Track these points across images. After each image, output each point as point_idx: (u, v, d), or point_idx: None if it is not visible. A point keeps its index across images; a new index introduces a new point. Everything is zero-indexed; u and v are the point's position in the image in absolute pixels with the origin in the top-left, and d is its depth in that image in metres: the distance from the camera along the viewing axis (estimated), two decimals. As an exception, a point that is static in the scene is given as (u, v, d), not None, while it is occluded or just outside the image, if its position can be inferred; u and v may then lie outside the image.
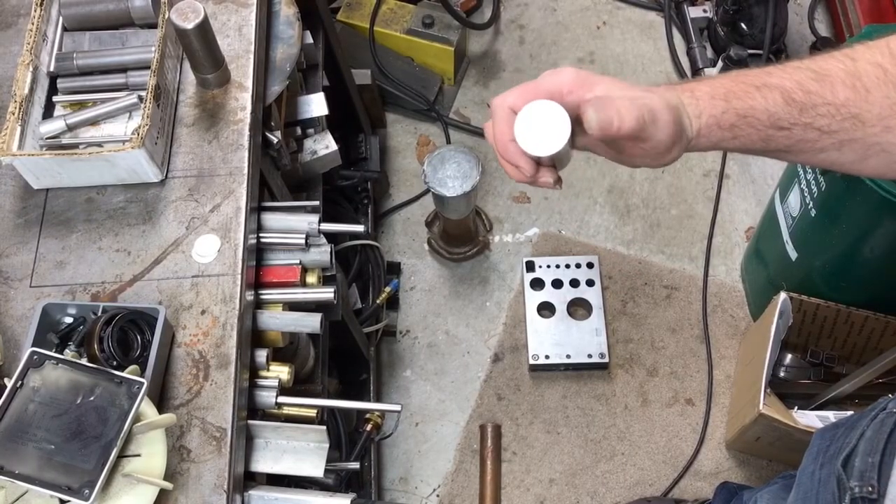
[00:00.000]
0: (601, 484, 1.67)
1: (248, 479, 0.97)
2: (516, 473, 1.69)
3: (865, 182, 1.24)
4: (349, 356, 1.58)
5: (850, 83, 0.64)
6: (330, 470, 1.12)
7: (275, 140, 1.20)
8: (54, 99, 1.11)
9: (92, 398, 0.80)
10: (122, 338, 0.89)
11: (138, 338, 0.90)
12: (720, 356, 1.78)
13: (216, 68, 1.07)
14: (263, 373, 1.03)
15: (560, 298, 1.81)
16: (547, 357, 1.75)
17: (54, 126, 1.06)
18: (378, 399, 1.72)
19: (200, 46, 1.00)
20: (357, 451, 1.45)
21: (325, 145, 1.42)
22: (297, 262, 1.09)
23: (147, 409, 0.84)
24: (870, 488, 0.88)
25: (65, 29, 1.14)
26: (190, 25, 0.94)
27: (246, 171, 1.06)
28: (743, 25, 2.00)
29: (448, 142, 2.07)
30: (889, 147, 0.65)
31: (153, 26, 1.13)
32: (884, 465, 0.88)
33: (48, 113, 1.10)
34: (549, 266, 1.86)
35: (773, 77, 0.67)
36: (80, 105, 1.10)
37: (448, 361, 1.83)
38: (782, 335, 1.52)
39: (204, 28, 0.97)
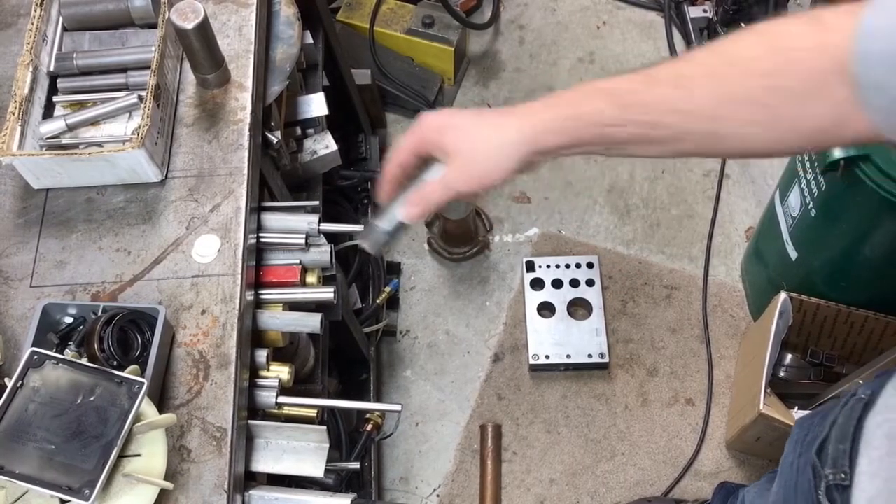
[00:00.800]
0: (601, 484, 1.67)
1: (249, 479, 0.96)
2: (516, 473, 1.69)
3: (865, 182, 1.25)
4: (349, 356, 1.58)
5: (675, 81, 0.72)
6: (330, 470, 1.12)
7: (275, 140, 1.20)
8: (54, 99, 1.11)
9: (92, 398, 0.80)
10: (122, 338, 0.89)
11: (138, 338, 0.90)
12: (720, 356, 1.78)
13: (216, 68, 1.07)
14: (263, 373, 1.03)
15: (560, 298, 1.81)
16: (547, 357, 1.75)
17: (54, 126, 1.06)
18: (378, 399, 1.72)
19: (200, 46, 1.00)
20: (357, 451, 1.45)
21: (325, 145, 1.42)
22: (297, 262, 1.09)
23: (147, 409, 0.84)
24: (842, 475, 0.89)
25: (65, 29, 1.14)
26: (190, 25, 0.94)
27: (246, 171, 1.06)
28: (743, 25, 2.00)
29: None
30: (724, 132, 0.71)
31: (153, 26, 1.13)
32: (854, 452, 0.89)
33: (48, 113, 1.10)
34: (549, 266, 1.86)
35: (606, 83, 0.76)
36: (81, 105, 1.10)
37: (448, 361, 1.83)
38: (782, 335, 1.52)
39: (204, 28, 0.97)
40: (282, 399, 1.01)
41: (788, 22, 0.67)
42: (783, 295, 1.50)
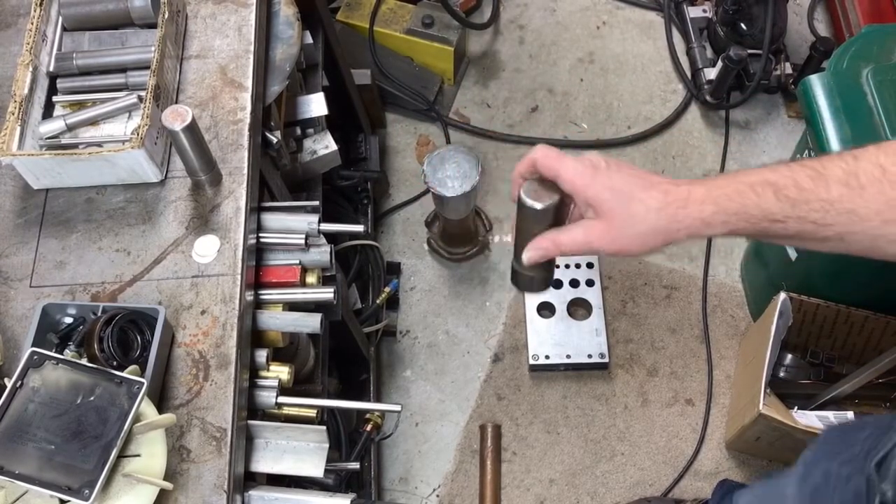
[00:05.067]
0: (601, 484, 1.67)
1: (248, 480, 0.96)
2: (516, 473, 1.69)
3: (865, 182, 1.24)
4: (349, 356, 1.58)
5: (846, 180, 0.70)
6: (330, 470, 1.11)
7: (275, 140, 1.20)
8: (54, 99, 1.11)
9: (92, 398, 0.80)
10: (122, 338, 0.88)
11: (138, 338, 0.90)
12: (720, 356, 1.78)
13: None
14: (263, 373, 1.03)
15: (560, 298, 1.81)
16: (547, 357, 1.76)
17: (54, 126, 1.06)
18: (378, 399, 1.72)
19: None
20: (357, 451, 1.45)
21: (324, 145, 1.42)
22: (297, 262, 1.09)
23: (147, 409, 0.84)
24: None
25: (64, 29, 1.14)
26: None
27: (246, 171, 1.06)
28: (742, 25, 2.00)
29: (448, 142, 2.07)
30: (884, 237, 0.70)
31: (153, 26, 1.13)
32: None
33: (48, 113, 1.10)
34: (548, 266, 1.85)
35: (770, 174, 0.75)
36: (80, 105, 1.10)
37: (448, 361, 1.82)
38: (782, 335, 1.52)
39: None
40: (282, 399, 1.01)
41: None
42: (783, 295, 1.50)
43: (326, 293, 1.08)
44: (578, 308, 1.83)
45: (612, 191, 0.80)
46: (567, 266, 1.85)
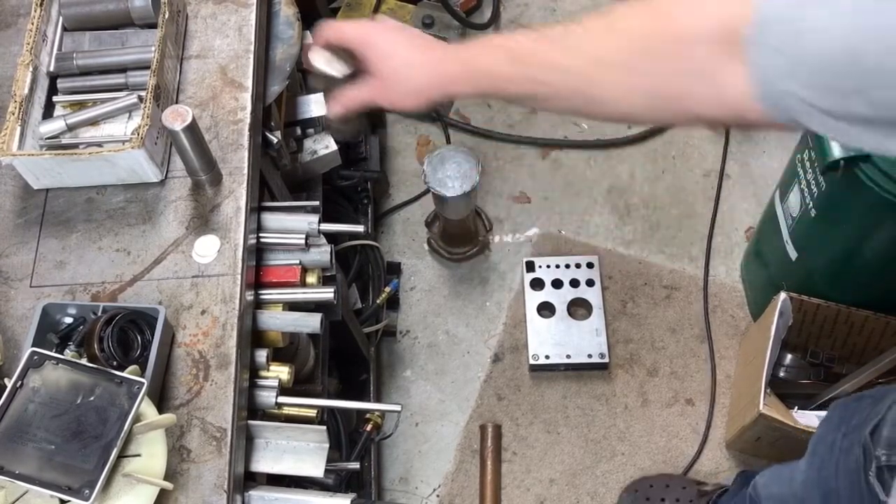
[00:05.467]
0: (601, 484, 1.67)
1: (249, 480, 0.97)
2: (516, 473, 1.69)
3: (865, 182, 1.24)
4: (349, 356, 1.58)
5: (561, 42, 0.78)
6: (330, 470, 1.11)
7: (275, 140, 1.20)
8: (54, 99, 1.11)
9: (92, 398, 0.80)
10: (122, 338, 0.89)
11: (138, 338, 0.90)
12: (720, 356, 1.78)
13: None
14: (263, 373, 1.03)
15: (560, 298, 1.81)
16: (547, 357, 1.75)
17: (54, 126, 1.06)
18: (378, 399, 1.72)
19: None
20: (357, 451, 1.45)
21: (324, 145, 1.42)
22: (297, 262, 1.09)
23: (147, 409, 0.84)
24: None
25: (65, 29, 1.14)
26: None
27: (246, 171, 1.06)
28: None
29: (448, 142, 2.07)
30: (599, 94, 0.76)
31: (153, 26, 1.13)
32: None
33: (48, 113, 1.10)
34: (549, 266, 1.86)
35: (506, 39, 0.83)
36: (80, 105, 1.10)
37: (448, 361, 1.82)
38: (782, 335, 1.52)
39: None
40: (282, 399, 1.01)
41: None
42: (783, 295, 1.50)
43: (326, 293, 1.08)
44: (578, 308, 1.83)
45: (387, 52, 0.89)
46: (567, 266, 1.85)
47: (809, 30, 0.57)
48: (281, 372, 1.03)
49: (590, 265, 1.86)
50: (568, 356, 1.75)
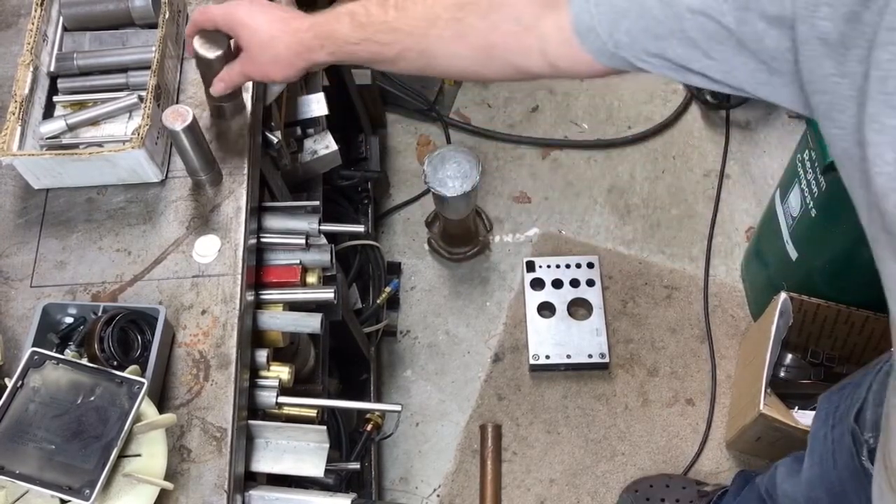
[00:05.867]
0: (601, 484, 1.67)
1: (249, 479, 0.97)
2: (516, 473, 1.69)
3: (866, 182, 1.24)
4: (349, 356, 1.58)
5: (397, 4, 0.84)
6: (330, 470, 1.11)
7: (275, 140, 1.20)
8: (54, 99, 1.11)
9: (92, 398, 0.80)
10: (122, 338, 0.89)
11: (139, 338, 0.90)
12: (720, 356, 1.78)
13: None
14: (264, 373, 1.03)
15: (560, 298, 1.81)
16: (547, 357, 1.76)
17: (55, 126, 1.06)
18: (378, 399, 1.72)
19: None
20: (357, 451, 1.45)
21: (325, 145, 1.42)
22: (298, 262, 1.09)
23: (147, 409, 0.84)
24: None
25: (65, 29, 1.14)
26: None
27: (246, 171, 1.06)
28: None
29: (448, 142, 2.07)
30: (430, 50, 0.83)
31: (153, 26, 1.13)
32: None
33: (48, 113, 1.10)
34: (549, 266, 1.86)
35: (353, 4, 0.87)
36: (81, 105, 1.10)
37: (448, 361, 1.83)
38: (782, 335, 1.52)
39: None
40: (282, 399, 1.01)
41: None
42: (783, 295, 1.50)
43: (327, 293, 1.08)
44: (579, 308, 1.83)
45: (251, 28, 0.94)
46: (567, 266, 1.85)
47: None
48: (281, 372, 1.03)
49: (590, 265, 1.86)
50: (568, 356, 1.75)
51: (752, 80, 0.63)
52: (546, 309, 1.82)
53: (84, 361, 0.85)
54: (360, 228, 1.24)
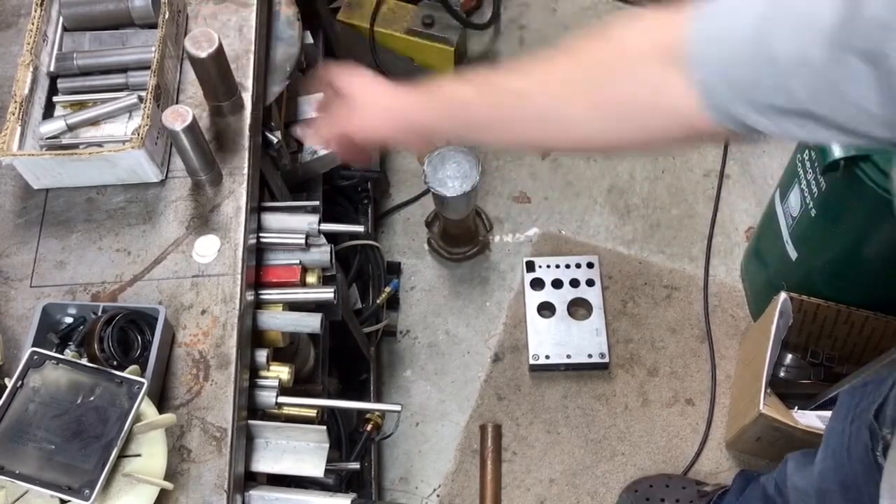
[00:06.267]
0: (601, 484, 1.67)
1: (249, 479, 0.97)
2: (516, 473, 1.69)
3: (865, 182, 1.24)
4: (349, 356, 1.58)
5: (520, 70, 0.79)
6: (330, 470, 1.12)
7: (275, 140, 1.21)
8: (54, 99, 1.11)
9: (92, 398, 0.80)
10: (122, 338, 0.89)
11: (138, 338, 0.90)
12: (720, 356, 1.78)
13: (230, 96, 1.05)
14: (264, 373, 1.03)
15: (560, 298, 1.81)
16: (547, 357, 1.75)
17: (54, 126, 1.06)
18: (378, 399, 1.72)
19: (215, 75, 0.98)
20: (357, 451, 1.45)
21: (325, 145, 1.42)
22: (297, 262, 1.09)
23: (147, 409, 0.84)
24: None
25: (65, 29, 1.14)
26: (204, 54, 0.94)
27: (246, 171, 1.06)
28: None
29: (448, 142, 2.07)
30: (561, 114, 0.77)
31: (153, 26, 1.13)
32: None
33: (48, 113, 1.10)
34: (549, 266, 1.86)
35: (469, 75, 0.84)
36: (81, 105, 1.10)
37: (448, 361, 1.83)
38: (782, 335, 1.52)
39: (218, 57, 0.96)
40: (282, 399, 1.01)
41: (627, 24, 0.72)
42: (783, 295, 1.50)
43: (327, 293, 1.08)
44: (579, 308, 1.83)
45: (367, 88, 0.93)
46: (567, 266, 1.85)
47: (728, 38, 0.61)
48: (281, 372, 1.03)
49: (590, 265, 1.86)
50: (568, 356, 1.75)
51: None
52: (546, 309, 1.82)
53: (84, 361, 0.85)
54: (360, 228, 1.24)
